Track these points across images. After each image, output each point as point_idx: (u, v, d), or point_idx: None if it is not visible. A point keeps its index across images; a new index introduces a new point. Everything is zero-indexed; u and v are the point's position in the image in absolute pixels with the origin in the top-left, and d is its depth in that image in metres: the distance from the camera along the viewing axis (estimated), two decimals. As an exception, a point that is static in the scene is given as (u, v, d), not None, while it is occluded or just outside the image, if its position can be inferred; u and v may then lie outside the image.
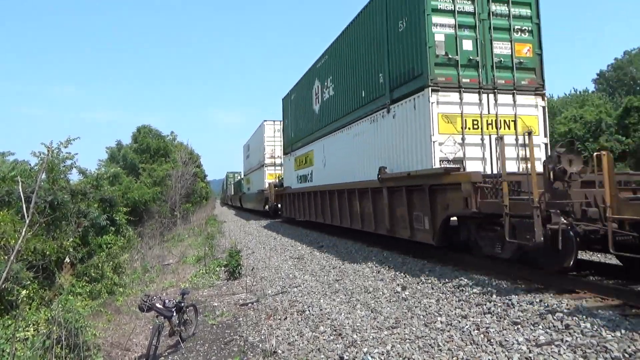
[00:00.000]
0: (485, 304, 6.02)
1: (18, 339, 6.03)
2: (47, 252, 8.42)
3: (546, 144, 9.15)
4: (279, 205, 24.30)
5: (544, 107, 9.20)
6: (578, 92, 48.92)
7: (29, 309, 7.24)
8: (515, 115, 9.04)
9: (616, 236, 5.51)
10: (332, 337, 6.00)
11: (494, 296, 6.22)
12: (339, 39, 13.86)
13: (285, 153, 22.54)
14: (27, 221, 6.18)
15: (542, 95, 9.22)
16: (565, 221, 5.86)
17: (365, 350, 5.30)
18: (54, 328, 6.07)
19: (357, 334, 5.86)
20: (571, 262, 6.29)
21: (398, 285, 7.86)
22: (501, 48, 9.06)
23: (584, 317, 4.96)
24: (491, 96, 8.94)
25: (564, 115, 33.99)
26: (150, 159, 31.72)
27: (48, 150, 8.93)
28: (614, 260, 7.83)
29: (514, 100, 9.03)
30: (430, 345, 5.12)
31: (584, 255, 8.77)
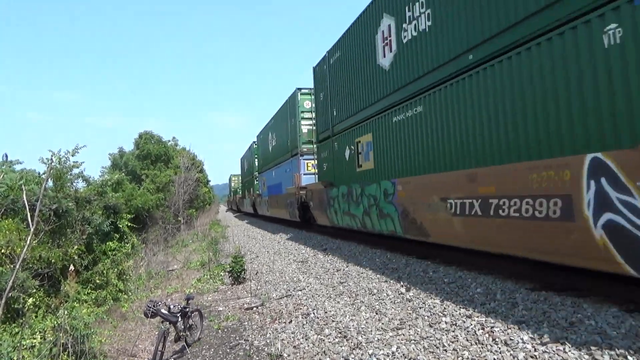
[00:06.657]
0: (489, 303, 6.03)
1: (25, 346, 6.05)
2: (53, 260, 8.45)
3: None
4: None
5: None
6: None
7: (35, 316, 7.27)
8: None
9: None
10: (337, 340, 6.02)
11: (498, 295, 6.23)
12: None
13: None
14: (32, 229, 6.21)
15: None
16: None
17: (370, 352, 5.31)
18: (60, 335, 6.10)
19: (362, 336, 5.87)
20: None
21: (402, 286, 7.87)
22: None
23: (588, 314, 4.97)
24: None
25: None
26: (151, 165, 31.85)
27: (52, 157, 8.93)
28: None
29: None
30: (435, 345, 5.13)
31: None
